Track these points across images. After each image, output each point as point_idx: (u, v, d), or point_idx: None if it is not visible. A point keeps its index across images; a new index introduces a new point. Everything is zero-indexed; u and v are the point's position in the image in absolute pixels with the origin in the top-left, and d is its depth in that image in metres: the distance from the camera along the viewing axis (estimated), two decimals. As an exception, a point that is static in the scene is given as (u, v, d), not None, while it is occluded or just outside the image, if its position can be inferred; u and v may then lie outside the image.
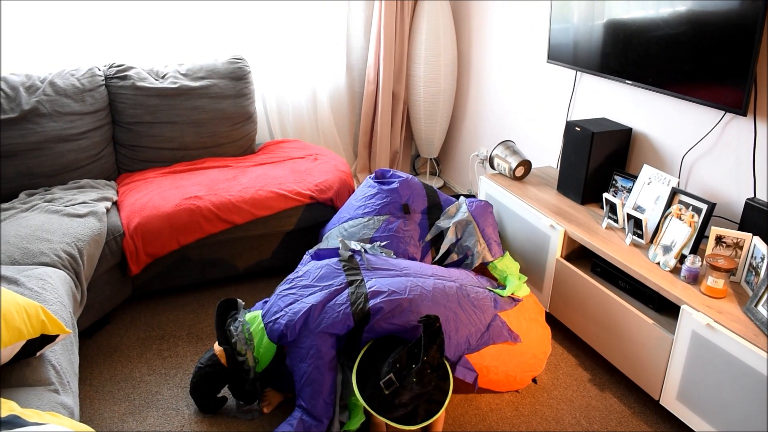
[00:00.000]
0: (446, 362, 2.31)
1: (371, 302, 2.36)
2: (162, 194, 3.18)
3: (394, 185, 3.01)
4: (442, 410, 2.26)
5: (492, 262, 2.86)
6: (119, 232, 2.96)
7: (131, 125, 3.50)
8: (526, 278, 2.87)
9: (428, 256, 2.95)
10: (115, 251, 2.92)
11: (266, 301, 2.64)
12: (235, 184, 3.30)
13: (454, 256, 2.88)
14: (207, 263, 3.25)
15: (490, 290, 2.67)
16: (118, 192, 3.32)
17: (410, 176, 3.08)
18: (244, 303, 2.65)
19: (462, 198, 3.06)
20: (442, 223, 2.95)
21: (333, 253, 2.72)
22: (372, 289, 2.40)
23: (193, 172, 3.50)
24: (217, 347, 2.50)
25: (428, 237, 2.94)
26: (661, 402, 2.49)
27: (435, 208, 3.03)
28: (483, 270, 2.99)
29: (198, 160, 3.65)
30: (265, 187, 3.29)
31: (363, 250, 2.67)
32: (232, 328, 2.50)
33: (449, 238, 2.90)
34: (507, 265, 2.87)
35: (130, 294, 3.13)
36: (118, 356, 2.85)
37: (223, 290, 3.39)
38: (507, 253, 2.91)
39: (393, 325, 2.34)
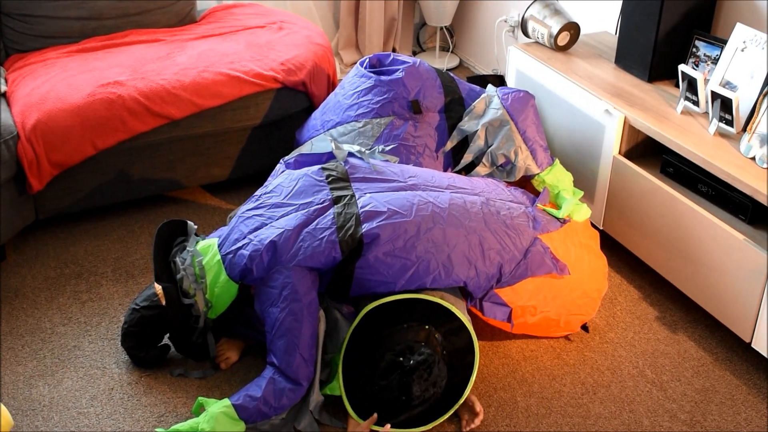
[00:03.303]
0: (468, 326, 2.35)
1: (364, 227, 2.35)
2: (69, 81, 3.13)
3: (398, 75, 2.95)
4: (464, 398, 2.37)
5: (538, 174, 2.84)
6: (12, 133, 2.92)
7: (21, -15, 3.42)
8: (582, 193, 2.86)
9: (449, 171, 2.92)
10: (7, 160, 2.89)
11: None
12: (170, 65, 3.25)
13: (483, 169, 2.84)
14: (137, 175, 3.23)
15: (547, 211, 2.65)
16: (6, 80, 3.27)
17: (418, 60, 3.01)
18: (196, 227, 2.64)
19: (491, 88, 2.99)
20: (467, 125, 2.90)
21: (319, 159, 2.68)
22: (366, 208, 2.39)
23: (110, 50, 3.43)
24: (158, 284, 2.50)
25: (449, 145, 2.92)
26: (753, 345, 2.52)
27: (455, 105, 2.98)
28: (524, 184, 2.98)
29: (117, 34, 3.58)
30: (212, 67, 3.24)
31: (363, 151, 2.64)
32: (178, 259, 2.50)
33: (477, 146, 2.86)
34: (558, 178, 2.84)
35: (33, 219, 3.12)
36: (20, 302, 2.86)
37: (161, 211, 3.38)
38: (557, 161, 2.88)
39: (396, 259, 2.34)
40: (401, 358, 2.26)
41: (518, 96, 2.92)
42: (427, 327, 2.30)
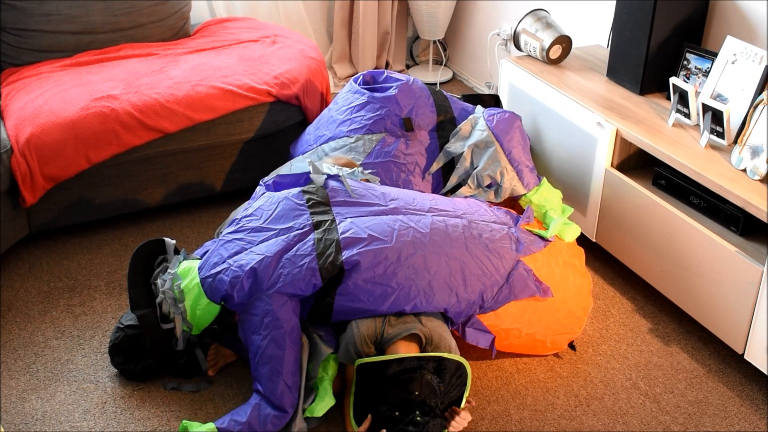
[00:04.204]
0: (455, 359, 2.32)
1: (345, 254, 2.35)
2: (62, 95, 3.13)
3: (391, 92, 2.96)
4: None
5: (525, 195, 2.84)
6: (5, 147, 2.92)
7: (15, 0, 3.41)
8: (571, 210, 2.86)
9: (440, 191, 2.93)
10: (1, 174, 2.89)
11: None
12: (164, 79, 3.26)
13: (467, 190, 2.84)
14: (130, 188, 3.23)
15: (532, 231, 2.65)
16: (0, 94, 3.27)
17: (411, 78, 3.03)
18: (174, 242, 2.64)
19: (479, 109, 3.00)
20: (453, 147, 2.91)
21: (298, 181, 2.67)
22: (346, 234, 2.39)
23: (104, 64, 3.44)
24: (134, 312, 2.50)
25: (435, 167, 2.92)
26: (746, 357, 2.52)
27: (447, 124, 2.98)
28: (512, 203, 2.98)
29: (110, 48, 3.59)
30: (205, 81, 3.24)
31: (342, 175, 2.63)
32: (159, 281, 2.49)
33: (463, 168, 2.86)
34: (545, 197, 2.84)
35: (27, 232, 3.12)
36: (14, 316, 2.85)
37: (154, 225, 3.38)
38: (544, 181, 2.88)
39: (376, 285, 2.33)
40: (397, 413, 2.21)
41: (504, 117, 2.93)
42: (418, 371, 2.25)
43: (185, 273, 2.49)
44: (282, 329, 2.30)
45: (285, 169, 2.75)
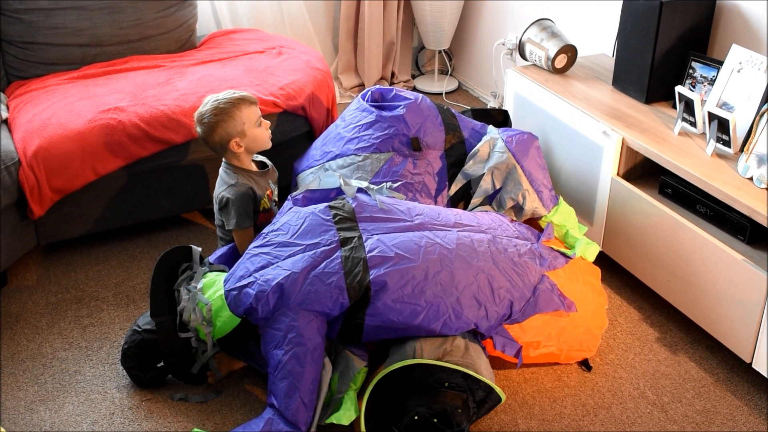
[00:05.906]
0: (495, 389, 2.34)
1: (372, 273, 2.33)
2: (70, 107, 3.15)
3: (400, 111, 2.96)
4: None
5: (545, 216, 2.84)
6: (13, 159, 2.93)
7: (21, 13, 3.44)
8: (586, 228, 2.86)
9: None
10: (9, 186, 2.91)
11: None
12: (170, 90, 3.27)
13: (489, 209, 2.85)
14: (137, 200, 3.25)
15: (558, 251, 2.66)
16: (8, 107, 3.29)
17: (420, 96, 3.03)
18: (200, 249, 2.63)
19: (493, 129, 3.00)
20: (471, 169, 2.90)
21: (327, 196, 2.65)
22: (373, 252, 2.37)
23: (111, 76, 3.46)
24: (153, 319, 2.49)
25: (454, 188, 2.91)
26: (753, 365, 2.52)
27: (457, 145, 2.98)
28: (530, 221, 2.98)
29: (117, 60, 3.61)
30: (211, 92, 3.17)
31: (371, 189, 2.63)
32: (182, 289, 2.49)
33: (483, 189, 2.86)
34: (565, 217, 2.84)
35: (35, 244, 3.13)
36: (22, 327, 2.87)
37: (161, 236, 3.39)
38: (561, 200, 2.88)
39: (405, 305, 2.33)
40: (435, 420, 2.20)
41: (522, 138, 2.92)
42: (465, 394, 2.26)
43: (210, 284, 2.48)
44: (305, 346, 2.28)
45: (315, 185, 2.73)
